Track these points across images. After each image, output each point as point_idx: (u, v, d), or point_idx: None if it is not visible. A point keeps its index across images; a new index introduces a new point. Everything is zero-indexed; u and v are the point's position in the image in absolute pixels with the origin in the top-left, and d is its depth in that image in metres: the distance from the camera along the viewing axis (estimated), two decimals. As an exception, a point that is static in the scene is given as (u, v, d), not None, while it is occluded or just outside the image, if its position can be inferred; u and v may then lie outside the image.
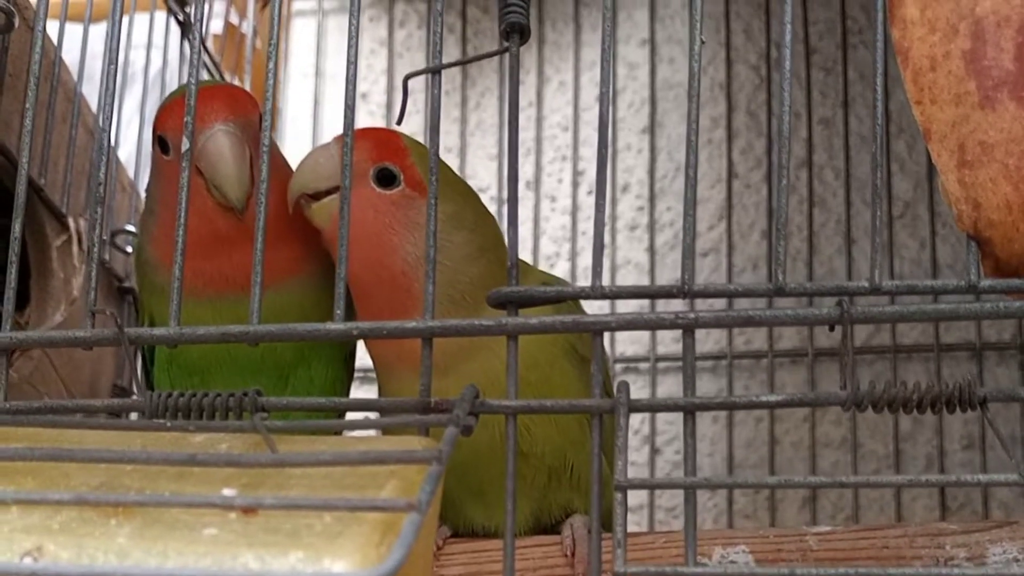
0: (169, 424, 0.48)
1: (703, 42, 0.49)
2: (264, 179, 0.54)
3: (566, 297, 0.51)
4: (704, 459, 1.14)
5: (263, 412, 0.50)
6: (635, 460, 1.14)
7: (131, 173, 1.06)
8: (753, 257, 1.17)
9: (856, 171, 1.16)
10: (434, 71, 0.52)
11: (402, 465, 0.45)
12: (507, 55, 0.53)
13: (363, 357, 0.77)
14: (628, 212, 1.20)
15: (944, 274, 1.14)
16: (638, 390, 1.16)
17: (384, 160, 0.69)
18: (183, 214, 0.55)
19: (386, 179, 0.69)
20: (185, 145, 0.53)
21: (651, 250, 1.18)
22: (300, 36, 1.26)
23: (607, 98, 0.48)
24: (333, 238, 0.68)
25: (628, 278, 1.19)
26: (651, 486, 0.50)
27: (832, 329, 0.50)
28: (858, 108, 1.17)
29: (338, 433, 0.68)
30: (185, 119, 0.54)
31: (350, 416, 0.78)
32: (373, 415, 0.87)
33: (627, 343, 1.15)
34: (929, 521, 1.08)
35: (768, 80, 1.19)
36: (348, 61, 0.52)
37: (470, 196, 0.74)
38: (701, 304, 1.16)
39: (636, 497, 1.12)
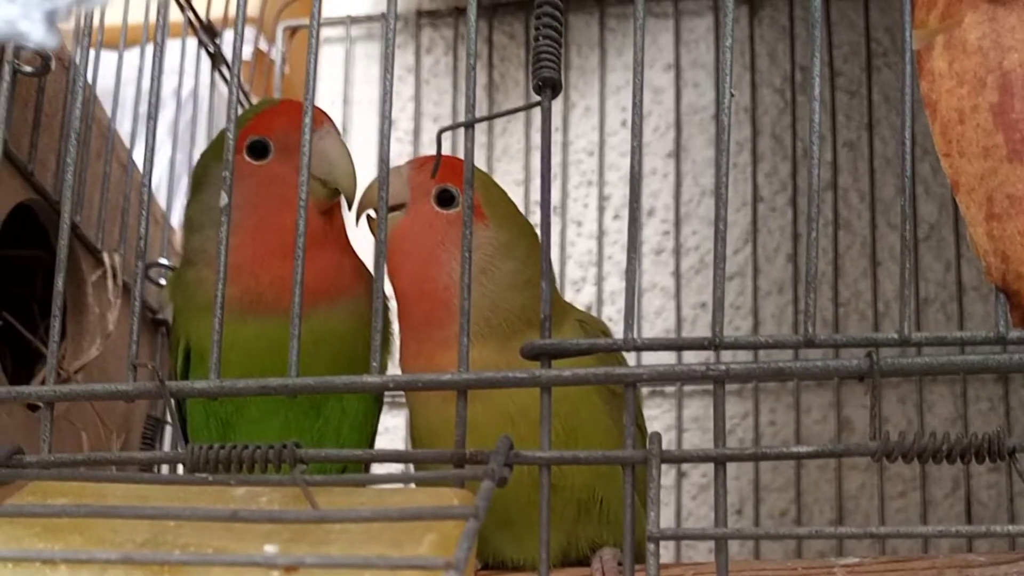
0: (211, 478, 0.49)
1: (733, 95, 0.50)
2: (303, 221, 0.55)
3: (598, 350, 0.52)
4: (731, 482, 1.15)
5: (302, 464, 0.51)
6: (662, 483, 1.15)
7: (161, 199, 1.07)
8: (778, 280, 1.18)
9: (881, 193, 1.16)
10: (467, 125, 0.53)
11: (439, 519, 0.46)
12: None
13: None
14: (654, 236, 1.21)
15: (969, 296, 1.14)
16: (664, 413, 1.17)
17: (447, 182, 0.73)
18: (224, 261, 0.56)
19: (446, 199, 0.73)
20: (223, 200, 0.54)
21: (676, 274, 1.18)
22: (328, 64, 1.27)
23: (638, 156, 0.49)
24: (390, 253, 0.72)
25: (654, 302, 1.19)
26: (682, 537, 0.50)
27: (861, 380, 0.50)
28: (883, 130, 1.18)
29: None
30: (224, 173, 0.55)
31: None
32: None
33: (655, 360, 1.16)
34: (956, 547, 1.08)
35: (793, 103, 1.20)
36: (382, 116, 0.53)
37: (526, 230, 0.76)
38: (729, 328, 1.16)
39: (664, 521, 1.12)
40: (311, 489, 0.48)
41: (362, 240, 0.78)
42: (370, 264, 0.79)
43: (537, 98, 0.54)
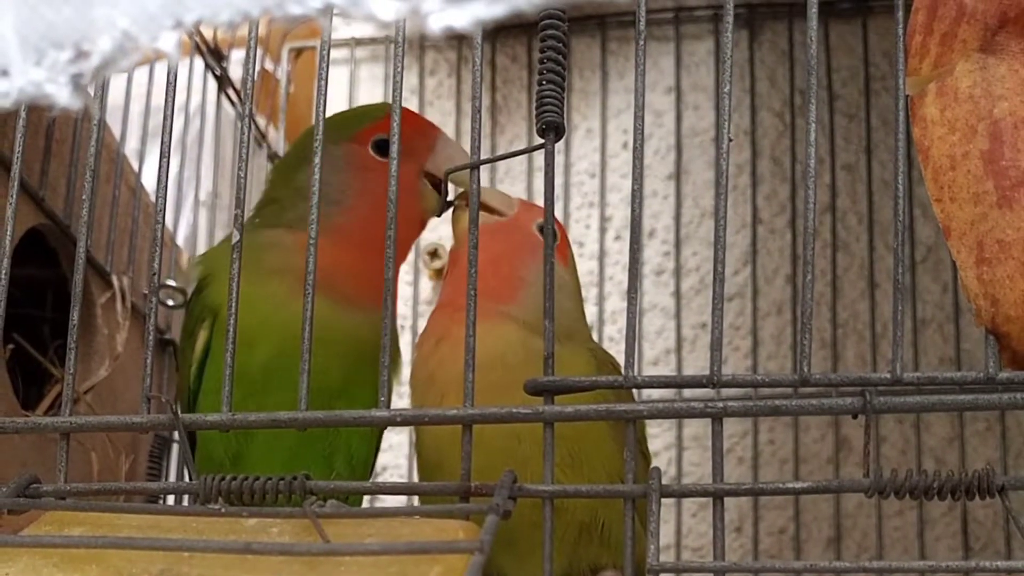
0: (223, 510, 0.51)
1: (731, 140, 0.52)
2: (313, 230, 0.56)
3: (600, 387, 0.54)
4: (730, 500, 1.15)
5: (311, 495, 0.53)
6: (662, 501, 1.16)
7: (167, 218, 1.08)
8: (777, 301, 1.19)
9: (879, 216, 1.18)
10: (473, 166, 0.55)
11: (445, 552, 0.48)
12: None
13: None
14: (655, 257, 1.22)
15: (965, 318, 1.15)
16: (665, 432, 1.19)
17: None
18: (237, 292, 0.57)
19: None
20: (235, 237, 0.56)
21: (677, 295, 1.20)
22: (332, 85, 1.29)
23: (639, 199, 0.51)
24: (460, 246, 0.81)
25: (655, 322, 1.21)
26: (681, 570, 0.52)
27: (855, 417, 0.52)
28: (881, 154, 1.19)
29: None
30: (235, 211, 0.56)
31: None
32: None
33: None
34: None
35: (792, 127, 1.21)
36: (390, 157, 0.55)
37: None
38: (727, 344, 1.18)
39: (664, 538, 1.14)
40: (320, 520, 0.49)
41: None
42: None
43: (540, 139, 0.55)
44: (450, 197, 0.81)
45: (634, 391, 0.84)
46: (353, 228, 0.76)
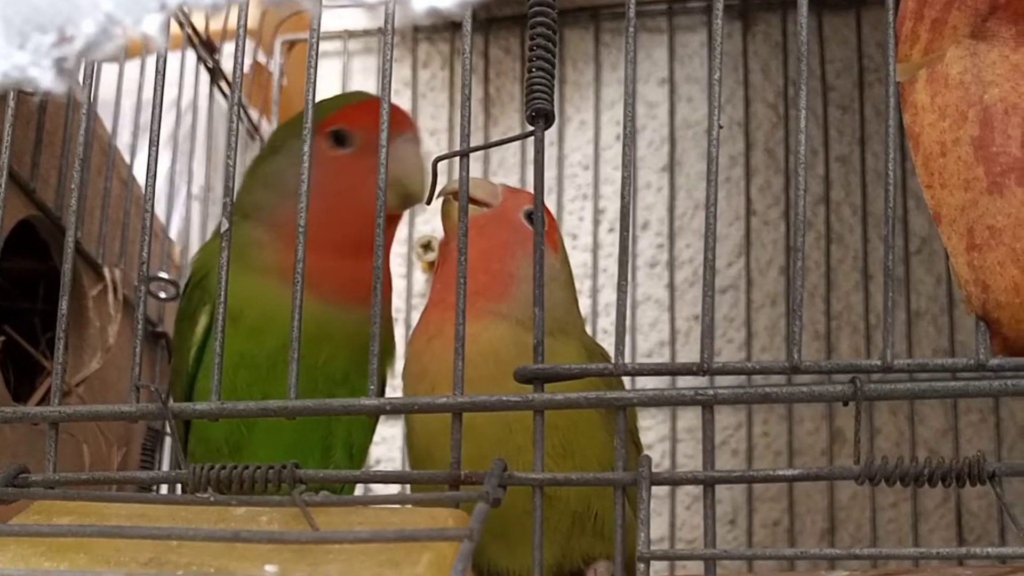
0: (212, 499, 0.51)
1: (721, 127, 0.52)
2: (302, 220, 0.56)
3: (589, 374, 0.53)
4: (725, 492, 1.15)
5: (301, 484, 0.52)
6: (656, 493, 1.16)
7: (160, 211, 1.08)
8: (771, 293, 1.19)
9: (873, 207, 1.18)
10: (462, 154, 0.55)
11: (435, 539, 0.47)
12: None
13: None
14: (648, 249, 1.22)
15: (959, 309, 1.15)
16: (659, 424, 1.18)
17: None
18: (226, 280, 0.57)
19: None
20: (224, 226, 0.55)
21: (671, 287, 1.19)
22: (325, 77, 1.28)
23: (630, 186, 0.51)
24: (450, 240, 0.78)
25: (648, 314, 1.21)
26: (673, 558, 0.52)
27: (846, 404, 0.52)
28: (875, 145, 1.19)
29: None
30: (224, 199, 0.56)
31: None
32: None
33: (647, 378, 1.17)
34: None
35: (786, 118, 1.21)
36: (380, 145, 0.54)
37: (571, 273, 0.84)
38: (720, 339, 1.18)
39: (657, 530, 1.14)
40: (310, 508, 0.49)
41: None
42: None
43: (531, 128, 0.55)
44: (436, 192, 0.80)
45: (626, 381, 0.85)
46: (317, 227, 0.75)
